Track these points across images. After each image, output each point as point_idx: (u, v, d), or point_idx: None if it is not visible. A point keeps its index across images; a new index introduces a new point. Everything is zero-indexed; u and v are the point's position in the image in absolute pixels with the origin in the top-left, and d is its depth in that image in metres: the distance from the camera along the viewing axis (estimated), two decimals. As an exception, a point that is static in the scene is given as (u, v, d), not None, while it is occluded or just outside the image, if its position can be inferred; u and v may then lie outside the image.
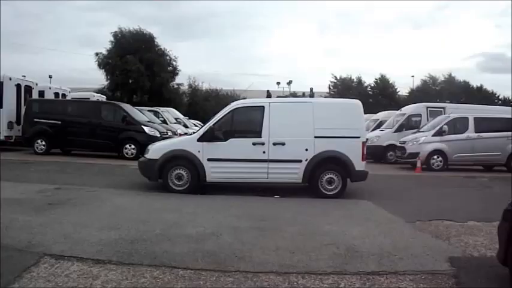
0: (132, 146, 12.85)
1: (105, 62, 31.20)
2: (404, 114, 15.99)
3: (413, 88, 40.96)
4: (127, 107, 14.31)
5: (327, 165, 7.46)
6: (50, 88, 17.09)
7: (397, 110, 17.61)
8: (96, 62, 31.27)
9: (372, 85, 41.98)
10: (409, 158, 12.91)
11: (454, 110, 14.55)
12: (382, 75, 41.34)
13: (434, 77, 40.24)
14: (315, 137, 7.37)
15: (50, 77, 34.06)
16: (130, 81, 31.68)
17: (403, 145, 13.30)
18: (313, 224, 5.28)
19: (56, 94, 16.98)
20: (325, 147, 7.39)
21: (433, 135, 12.80)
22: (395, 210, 6.23)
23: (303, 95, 30.54)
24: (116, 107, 13.90)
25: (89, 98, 18.12)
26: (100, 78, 32.79)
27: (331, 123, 7.45)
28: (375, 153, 14.91)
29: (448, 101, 24.35)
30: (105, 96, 21.96)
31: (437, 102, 22.19)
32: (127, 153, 12.84)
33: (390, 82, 41.13)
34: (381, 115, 19.18)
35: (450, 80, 39.47)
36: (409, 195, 8.30)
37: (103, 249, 3.98)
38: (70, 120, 13.22)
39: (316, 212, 6.08)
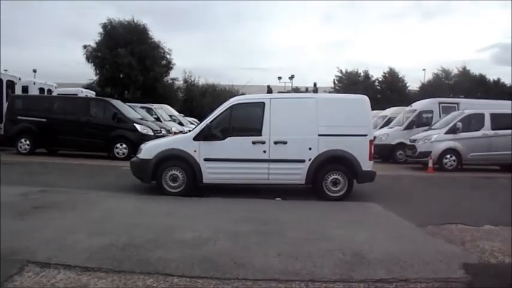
0: (124, 146, 12.86)
1: (94, 55, 31.16)
2: (415, 110, 15.99)
3: (425, 82, 41.03)
4: (118, 103, 14.31)
5: (332, 165, 7.46)
6: (34, 83, 17.08)
7: (407, 106, 17.63)
8: (85, 55, 31.23)
9: (380, 79, 42.01)
10: (420, 157, 12.92)
11: (469, 106, 14.50)
12: (390, 69, 41.41)
13: (447, 70, 40.24)
14: (319, 135, 7.37)
15: (34, 71, 34.16)
16: (121, 75, 31.65)
17: (413, 144, 13.31)
18: (317, 228, 5.27)
19: (41, 90, 16.98)
20: (329, 146, 7.39)
21: (445, 133, 12.79)
22: (405, 213, 6.23)
23: (306, 90, 30.54)
24: (106, 103, 13.90)
25: (76, 94, 18.14)
26: (89, 73, 32.82)
27: (336, 121, 7.45)
28: (383, 153, 14.94)
29: (462, 96, 24.38)
30: (94, 92, 22.00)
31: (451, 98, 22.24)
32: (118, 153, 12.84)
33: (399, 76, 41.20)
34: (389, 111, 19.19)
35: (464, 73, 39.43)
36: (420, 197, 8.30)
37: (92, 256, 3.97)
38: (56, 118, 13.21)
39: (321, 215, 6.08)
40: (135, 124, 13.13)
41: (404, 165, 14.26)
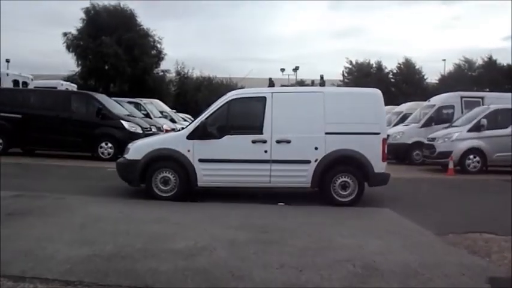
0: (109, 145, 12.88)
1: (76, 44, 31.19)
2: (434, 105, 16.00)
3: (445, 74, 40.92)
4: (102, 97, 14.33)
5: (341, 166, 7.47)
6: (7, 75, 17.11)
7: (425, 100, 17.62)
8: (65, 44, 31.29)
9: (395, 71, 41.99)
10: (440, 158, 12.92)
11: (495, 100, 14.47)
12: (406, 59, 41.37)
13: (470, 60, 40.01)
14: (326, 133, 7.38)
15: (7, 61, 33.90)
16: (106, 67, 31.71)
17: (431, 142, 13.31)
18: (324, 236, 5.28)
19: (15, 82, 17.00)
20: (338, 145, 7.40)
21: (468, 131, 12.79)
22: (422, 220, 6.23)
23: (312, 83, 30.55)
24: (89, 97, 13.92)
25: (56, 87, 18.14)
26: (69, 64, 32.91)
27: (345, 117, 7.45)
28: (398, 153, 14.95)
29: (488, 90, 24.35)
30: (75, 85, 22.03)
31: (474, 91, 22.19)
32: (103, 153, 12.86)
33: (416, 67, 41.16)
34: (405, 107, 19.19)
35: (490, 63, 39.13)
36: (439, 202, 8.30)
37: (73, 268, 3.97)
38: (33, 114, 13.16)
39: (328, 222, 6.08)
40: (121, 121, 13.14)
41: (422, 166, 14.26)
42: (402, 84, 39.90)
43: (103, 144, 12.90)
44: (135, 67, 31.53)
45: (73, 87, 20.65)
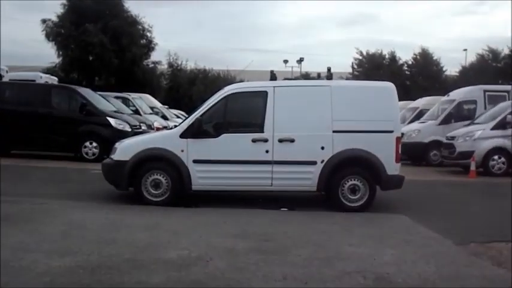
0: (94, 144, 12.91)
1: (56, 32, 31.16)
2: (454, 100, 16.01)
3: (466, 66, 40.91)
4: (86, 92, 14.35)
5: (350, 168, 7.49)
6: (-22, 66, 17.10)
7: (444, 95, 17.63)
8: (44, 32, 31.25)
9: (410, 63, 42.00)
10: (460, 158, 12.94)
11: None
12: (423, 49, 41.35)
13: (495, 50, 39.81)
14: (334, 132, 7.40)
15: (-22, 51, 34.02)
16: (90, 58, 31.71)
17: (451, 141, 13.32)
18: (331, 245, 5.29)
19: (-12, 74, 17.00)
20: (347, 144, 7.42)
21: (492, 129, 12.81)
22: (441, 227, 6.25)
23: (318, 76, 30.58)
24: (72, 92, 13.94)
25: (34, 80, 18.09)
26: (49, 54, 32.94)
27: (355, 114, 7.47)
28: (414, 153, 14.98)
29: (514, 83, 24.24)
30: (56, 78, 22.01)
31: (499, 84, 22.11)
32: (87, 153, 12.89)
33: (434, 58, 41.15)
34: (421, 102, 19.21)
35: (517, 53, 39.06)
36: (460, 208, 8.30)
37: (53, 281, 3.97)
38: (8, 110, 13.14)
39: (336, 229, 6.10)
40: (108, 118, 13.18)
41: (440, 168, 14.28)
42: (418, 77, 39.89)
43: (87, 144, 12.92)
44: (122, 58, 31.53)
45: (53, 80, 20.63)
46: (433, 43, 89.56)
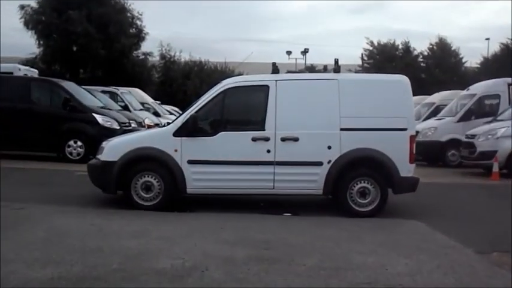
0: (79, 143, 12.94)
1: (36, 20, 31.09)
2: (474, 95, 15.99)
3: (488, 56, 40.87)
4: (70, 86, 14.37)
5: (359, 169, 7.52)
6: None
7: (463, 89, 17.62)
8: (22, 20, 31.21)
9: (426, 53, 42.09)
10: (481, 159, 12.94)
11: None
12: (440, 39, 41.44)
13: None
14: (342, 130, 7.42)
15: None
16: (74, 48, 31.70)
17: (471, 140, 13.32)
18: (339, 253, 5.31)
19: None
20: (356, 143, 7.44)
21: (517, 126, 12.78)
22: (460, 234, 6.26)
23: (325, 69, 30.53)
24: (54, 85, 13.95)
25: (12, 73, 18.07)
26: (28, 44, 33.04)
27: (364, 110, 7.50)
28: (430, 153, 14.99)
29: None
30: (36, 70, 22.02)
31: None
32: (71, 154, 12.92)
33: (453, 48, 41.26)
34: (438, 97, 19.21)
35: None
36: (481, 213, 8.31)
37: (36, 292, 3.99)
38: None
39: (344, 236, 6.11)
40: (94, 114, 13.20)
41: (459, 169, 14.27)
42: (435, 69, 39.97)
43: (71, 143, 12.94)
44: (109, 49, 31.53)
45: (33, 72, 20.64)
46: (451, 32, 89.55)
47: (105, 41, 31.22)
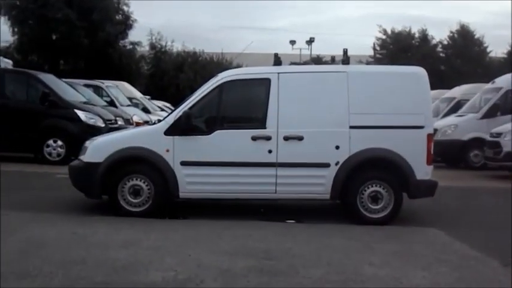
0: (59, 143, 12.93)
1: (10, 5, 30.98)
2: (500, 88, 15.97)
3: (516, 45, 40.75)
4: (49, 78, 14.36)
5: (371, 171, 7.54)
6: None
7: (488, 82, 17.59)
8: (-5, 5, 31.15)
9: (446, 42, 41.98)
10: (507, 160, 12.92)
11: None
12: (462, 26, 41.31)
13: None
14: (351, 127, 7.44)
15: None
16: (53, 36, 31.65)
17: (496, 139, 13.34)
18: (348, 265, 5.32)
19: None
20: (367, 143, 7.46)
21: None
22: (484, 244, 6.26)
23: (332, 60, 30.55)
24: (31, 78, 13.95)
25: (-18, 64, 18.10)
26: (2, 32, 32.81)
27: (377, 105, 7.53)
28: (449, 153, 15.00)
29: None
30: (11, 61, 21.99)
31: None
32: (50, 154, 12.92)
33: (476, 37, 41.09)
34: (459, 91, 19.22)
35: None
36: (506, 221, 8.28)
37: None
38: None
39: (354, 245, 6.13)
40: (76, 110, 13.21)
41: (482, 172, 14.27)
42: (456, 60, 39.88)
43: (50, 142, 12.93)
44: (93, 37, 31.51)
45: (7, 63, 20.61)
46: (474, 18, 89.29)
47: (88, 29, 31.18)
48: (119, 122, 14.27)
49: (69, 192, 8.25)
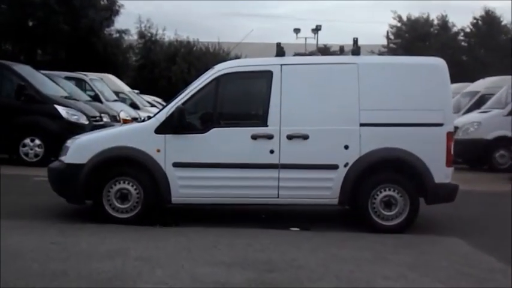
0: (37, 142, 12.96)
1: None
2: (530, 81, 15.96)
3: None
4: (25, 70, 14.37)
5: (384, 174, 7.57)
6: None
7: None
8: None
9: (468, 30, 41.94)
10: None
11: None
12: (487, 11, 41.31)
13: None
14: (362, 125, 7.46)
15: None
16: (30, 23, 31.57)
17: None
18: (359, 278, 5.34)
19: None
20: (379, 142, 7.47)
21: None
22: (509, 256, 6.24)
23: (341, 51, 30.58)
24: (5, 70, 13.93)
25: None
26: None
27: (390, 101, 7.55)
28: (472, 153, 14.97)
29: None
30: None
31: None
32: (27, 154, 12.94)
33: (503, 23, 41.06)
34: (483, 84, 19.17)
35: None
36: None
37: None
38: None
39: (365, 256, 6.14)
40: (56, 106, 13.24)
41: (509, 174, 14.25)
42: (479, 49, 39.89)
43: (27, 141, 12.96)
44: (75, 24, 31.43)
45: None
46: (500, 2, 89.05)
47: (68, 14, 31.04)
48: (104, 119, 14.30)
49: (48, 197, 8.26)
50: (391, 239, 7.00)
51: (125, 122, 15.49)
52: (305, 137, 7.44)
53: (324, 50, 39.33)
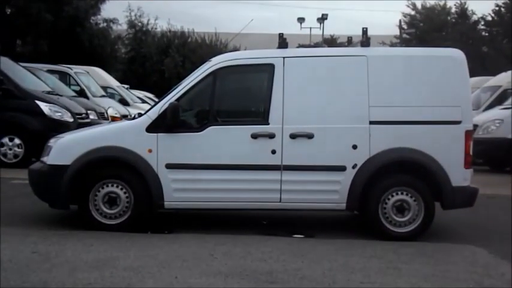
0: (16, 141, 12.97)
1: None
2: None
3: None
4: (4, 63, 14.26)
5: (396, 176, 7.59)
6: None
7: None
8: None
9: (489, 18, 41.92)
10: None
11: None
12: (509, -1, 41.24)
13: None
14: (372, 123, 7.48)
15: None
16: (8, 10, 31.55)
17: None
18: (368, 289, 5.37)
19: None
20: (391, 141, 7.49)
21: None
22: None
23: (349, 42, 30.64)
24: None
25: None
26: None
27: (403, 96, 7.57)
28: (493, 154, 14.97)
29: None
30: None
31: None
32: (5, 155, 12.96)
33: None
34: (505, 78, 19.13)
35: None
36: None
37: None
38: None
39: (376, 266, 6.15)
40: (37, 102, 13.25)
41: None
42: (502, 40, 39.87)
43: (5, 141, 12.98)
44: (58, 13, 31.41)
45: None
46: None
47: (51, 2, 31.04)
48: (91, 117, 14.32)
49: (29, 202, 8.27)
50: (403, 248, 6.99)
51: (114, 119, 15.50)
52: (310, 136, 7.46)
53: (331, 41, 39.46)
